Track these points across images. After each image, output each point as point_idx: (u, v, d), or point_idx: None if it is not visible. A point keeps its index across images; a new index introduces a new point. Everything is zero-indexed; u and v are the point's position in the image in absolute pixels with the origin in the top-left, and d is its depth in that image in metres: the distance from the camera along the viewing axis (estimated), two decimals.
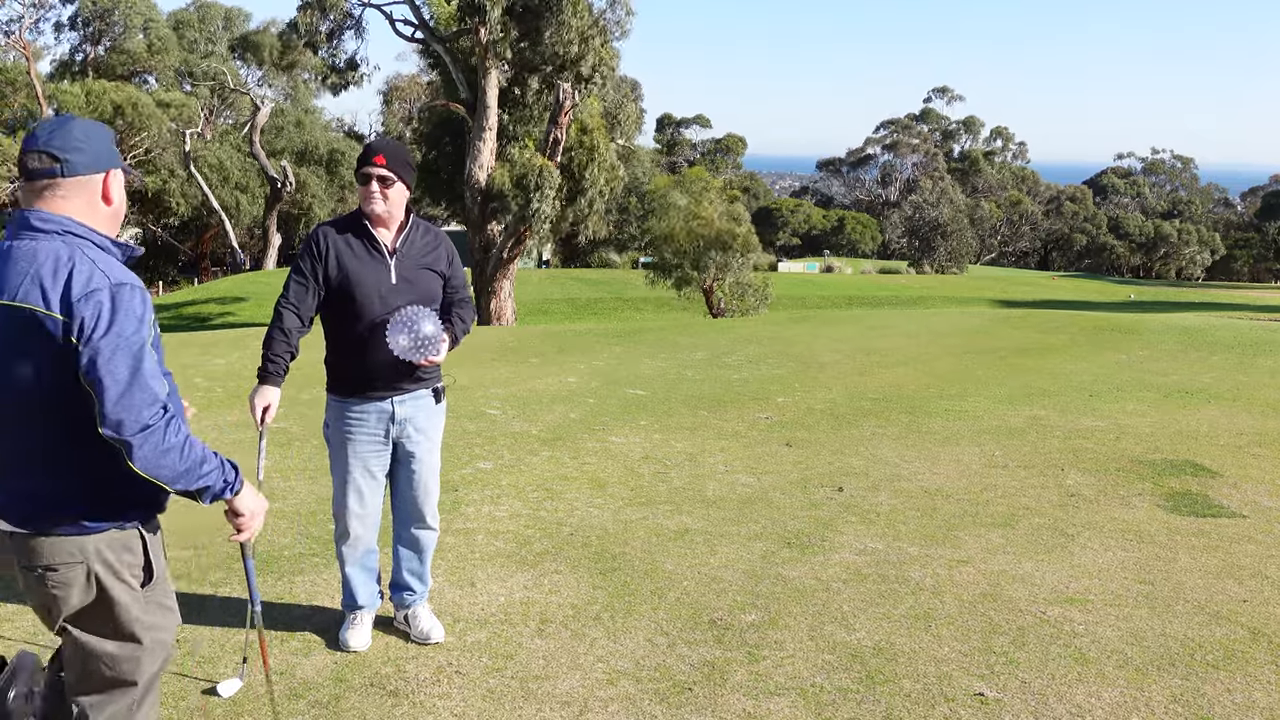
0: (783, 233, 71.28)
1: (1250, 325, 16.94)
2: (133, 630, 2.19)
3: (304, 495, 5.30)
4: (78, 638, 2.18)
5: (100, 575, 2.13)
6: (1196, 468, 6.26)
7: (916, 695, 3.24)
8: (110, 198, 2.16)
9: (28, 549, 2.11)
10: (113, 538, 2.13)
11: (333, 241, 3.32)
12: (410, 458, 3.48)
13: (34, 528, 2.09)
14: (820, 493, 5.63)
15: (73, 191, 2.09)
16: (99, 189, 2.13)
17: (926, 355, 12.00)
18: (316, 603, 3.89)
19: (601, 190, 22.59)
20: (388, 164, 3.27)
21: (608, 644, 3.59)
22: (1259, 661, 3.51)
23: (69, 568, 2.10)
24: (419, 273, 3.37)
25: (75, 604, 2.13)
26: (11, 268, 2.03)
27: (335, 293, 3.29)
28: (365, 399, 3.37)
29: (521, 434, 7.06)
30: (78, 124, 2.13)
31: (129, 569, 2.16)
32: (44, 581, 2.11)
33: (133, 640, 2.19)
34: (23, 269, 2.02)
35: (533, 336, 14.43)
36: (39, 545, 2.10)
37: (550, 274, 49.04)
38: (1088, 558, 4.56)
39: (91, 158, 2.10)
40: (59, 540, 2.09)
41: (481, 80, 23.00)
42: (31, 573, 2.12)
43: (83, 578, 2.11)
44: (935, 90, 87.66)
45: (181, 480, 2.08)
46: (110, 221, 2.17)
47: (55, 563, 2.10)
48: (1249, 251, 77.15)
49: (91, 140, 2.12)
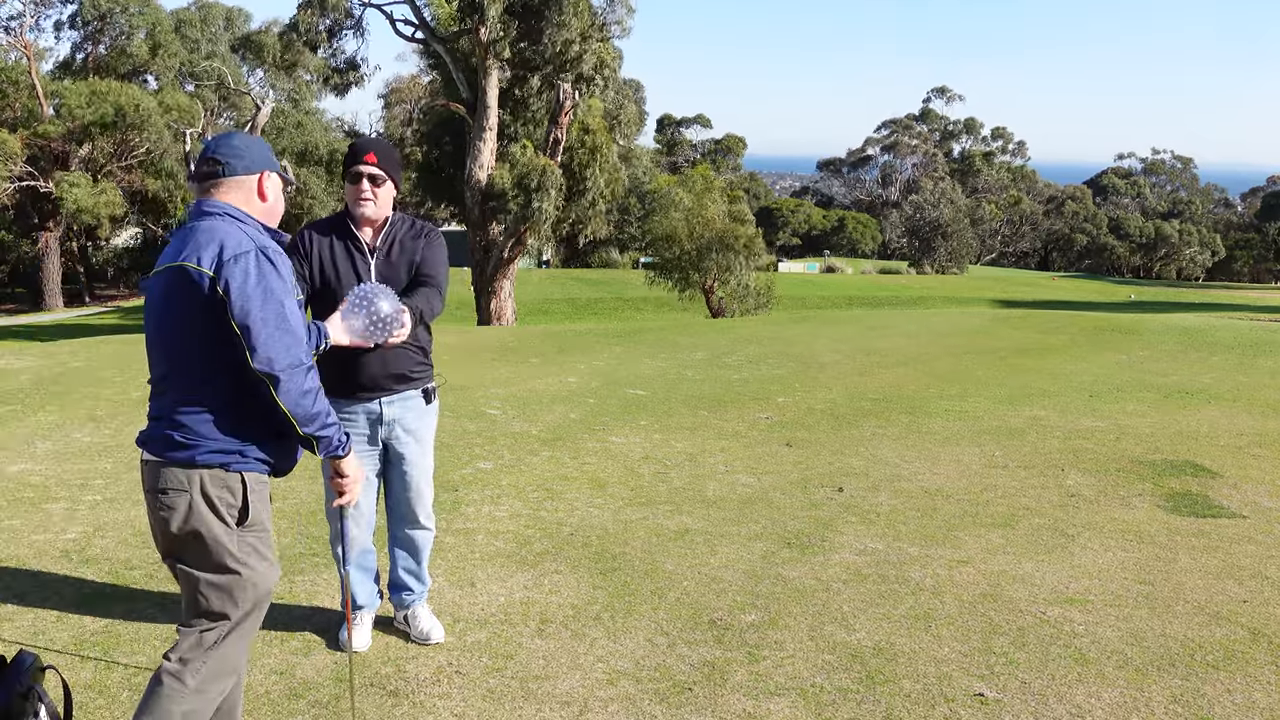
0: (783, 233, 71.30)
1: (1250, 325, 16.94)
2: (224, 563, 2.45)
3: (304, 495, 5.30)
4: (181, 569, 2.47)
5: (198, 506, 2.41)
6: (1197, 468, 6.26)
7: (916, 695, 3.24)
8: (265, 195, 2.56)
9: (152, 473, 2.46)
10: (216, 475, 2.42)
11: (316, 242, 3.32)
12: (401, 459, 3.47)
13: (157, 454, 2.43)
14: (820, 493, 5.63)
15: (232, 188, 2.51)
16: (255, 187, 2.54)
17: (926, 355, 12.00)
18: (317, 603, 3.89)
19: (603, 191, 22.58)
20: (378, 162, 3.26)
21: (608, 644, 3.59)
22: (1259, 662, 3.51)
23: (176, 494, 2.41)
24: (400, 270, 3.35)
25: (175, 528, 2.42)
26: (183, 241, 2.45)
27: (318, 292, 3.29)
28: (353, 400, 3.36)
29: (521, 434, 7.06)
30: (239, 136, 2.57)
31: (226, 506, 2.44)
32: (157, 503, 2.44)
33: (224, 573, 2.45)
34: (189, 240, 2.43)
35: (533, 336, 14.43)
36: (159, 471, 2.44)
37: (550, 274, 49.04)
38: (1088, 558, 4.56)
39: (248, 162, 2.53)
40: (173, 469, 2.42)
41: (482, 80, 23.00)
42: (150, 495, 2.46)
43: (185, 504, 2.41)
44: (934, 90, 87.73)
45: (312, 423, 2.44)
46: (266, 215, 2.56)
47: (166, 487, 2.42)
48: (1249, 252, 77.16)
49: (250, 149, 2.55)
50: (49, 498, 5.19)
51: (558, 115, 21.53)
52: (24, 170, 36.47)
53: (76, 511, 4.96)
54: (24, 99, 39.23)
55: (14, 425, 6.97)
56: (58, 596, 3.89)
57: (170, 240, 2.53)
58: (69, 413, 7.42)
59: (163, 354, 2.46)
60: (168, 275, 2.42)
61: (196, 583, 2.46)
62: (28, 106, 39.08)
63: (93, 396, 7.95)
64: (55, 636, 3.53)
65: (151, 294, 2.49)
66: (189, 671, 2.43)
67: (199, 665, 2.44)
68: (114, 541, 4.51)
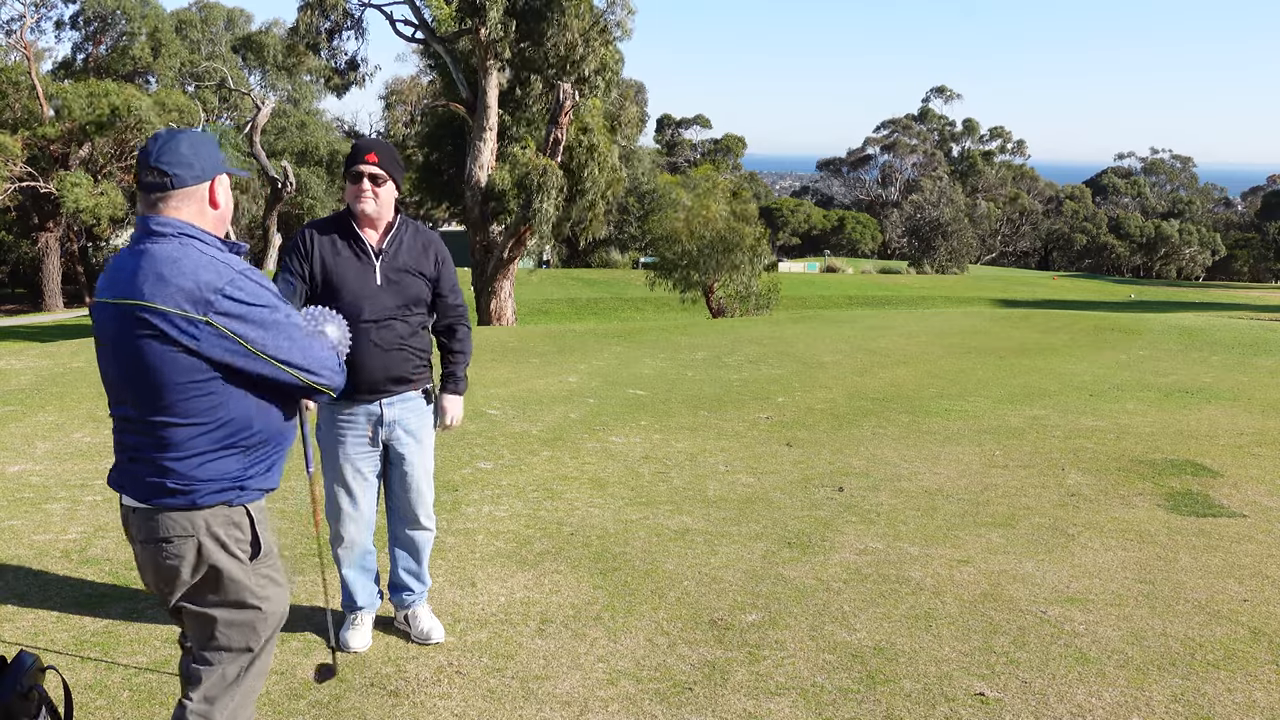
0: (783, 233, 71.28)
1: (1250, 325, 16.94)
2: (243, 599, 2.35)
3: (304, 495, 5.29)
4: (196, 610, 2.35)
5: (209, 549, 2.29)
6: (1197, 467, 6.26)
7: (917, 695, 3.24)
8: (217, 201, 2.37)
9: (146, 523, 2.29)
10: (220, 513, 2.30)
11: (318, 241, 3.31)
12: (401, 460, 3.47)
13: (153, 503, 2.27)
14: (820, 493, 5.63)
15: (183, 201, 2.30)
16: (206, 195, 2.34)
17: (926, 355, 12.00)
18: (317, 603, 3.89)
19: (604, 191, 22.57)
20: (379, 162, 3.26)
21: (608, 644, 3.59)
22: (1260, 661, 3.51)
23: (182, 540, 2.28)
24: (405, 274, 3.35)
25: (188, 576, 2.30)
26: (136, 269, 2.23)
27: (321, 293, 3.28)
28: (353, 401, 3.36)
29: (521, 434, 7.06)
30: (184, 139, 2.32)
31: (237, 543, 2.33)
32: (160, 553, 2.29)
33: (244, 608, 2.36)
34: (146, 269, 2.22)
35: (533, 336, 14.43)
36: (155, 519, 2.28)
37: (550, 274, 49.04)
38: (1088, 558, 4.56)
39: (198, 170, 2.31)
40: (173, 515, 2.27)
41: (482, 80, 22.99)
42: (149, 546, 2.30)
43: (194, 550, 2.29)
44: (933, 90, 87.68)
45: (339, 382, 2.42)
46: (217, 223, 2.38)
47: (170, 535, 2.28)
48: (1249, 251, 77.12)
49: (197, 153, 2.32)
50: (49, 498, 5.19)
51: (558, 116, 21.53)
52: (24, 171, 36.48)
53: (76, 511, 4.96)
54: (24, 100, 39.23)
55: (14, 425, 6.97)
56: (58, 597, 3.89)
57: (114, 262, 2.30)
58: (69, 413, 7.41)
59: (133, 396, 2.26)
60: (131, 316, 2.21)
61: (214, 623, 2.35)
62: (28, 107, 39.08)
63: (93, 396, 7.94)
64: (55, 636, 3.53)
65: (106, 330, 2.28)
66: (217, 710, 2.35)
67: (227, 701, 2.36)
68: (114, 542, 4.51)
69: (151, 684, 3.20)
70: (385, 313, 3.32)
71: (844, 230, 73.43)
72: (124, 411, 2.31)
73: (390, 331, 3.34)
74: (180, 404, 2.23)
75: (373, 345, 3.30)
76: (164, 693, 3.14)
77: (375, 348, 3.31)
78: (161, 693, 3.15)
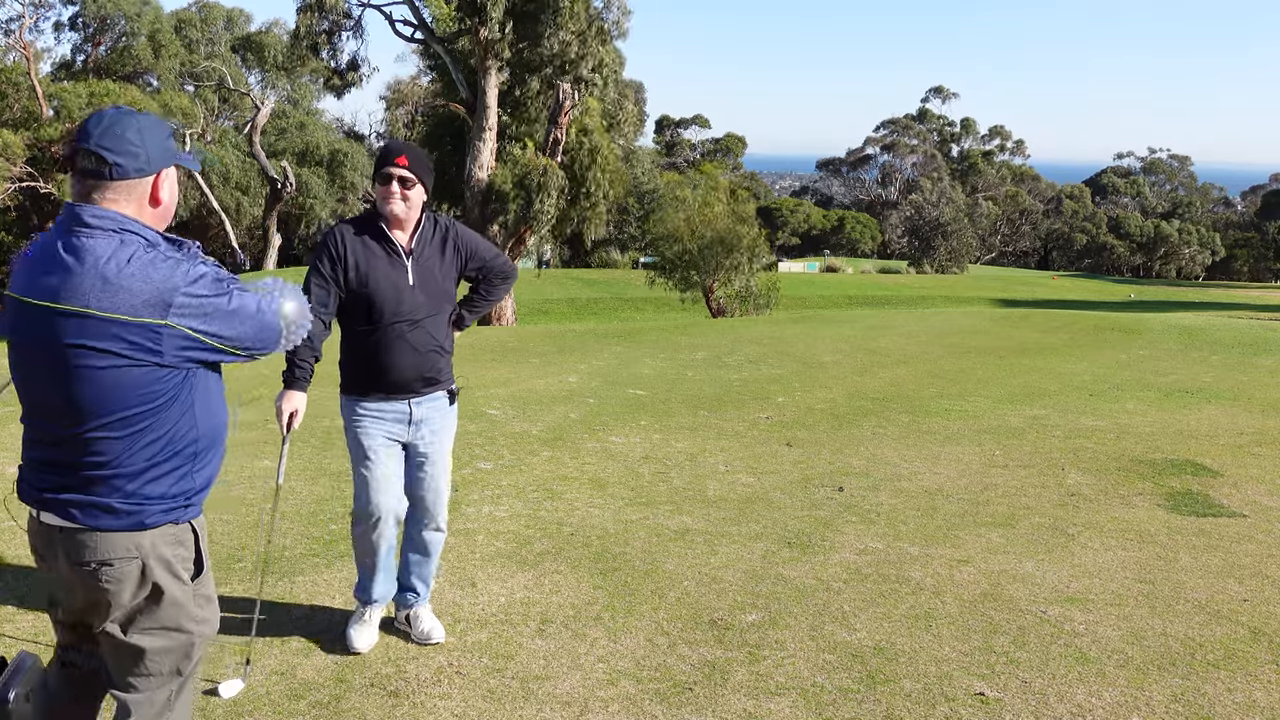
0: (783, 232, 71.26)
1: (1250, 325, 16.94)
2: (181, 624, 2.15)
3: (304, 496, 5.30)
4: (124, 638, 2.12)
5: (155, 571, 2.08)
6: (1197, 467, 6.26)
7: (917, 695, 3.24)
8: (159, 198, 2.10)
9: (79, 544, 2.05)
10: (168, 532, 2.10)
11: (350, 242, 3.30)
12: (425, 459, 3.49)
13: (89, 523, 2.03)
14: (820, 493, 5.63)
15: (121, 194, 2.03)
16: (148, 190, 2.07)
17: (926, 355, 12.00)
18: (317, 603, 3.89)
19: (605, 192, 22.58)
20: (409, 165, 3.25)
21: (608, 644, 3.59)
22: (1260, 661, 3.51)
23: (124, 563, 2.05)
24: (435, 273, 3.37)
25: (127, 600, 2.08)
26: (69, 267, 1.96)
27: (353, 295, 3.28)
28: (383, 399, 3.38)
29: (521, 434, 7.06)
30: (131, 123, 2.03)
31: (181, 563, 2.13)
32: (97, 577, 2.05)
33: (181, 632, 2.16)
34: (81, 266, 1.96)
35: (533, 336, 14.43)
36: (93, 540, 2.04)
37: (550, 274, 49.04)
38: (1088, 557, 4.56)
39: (142, 161, 2.04)
40: (115, 535, 2.04)
41: (481, 80, 23.00)
42: (82, 568, 2.06)
43: (137, 573, 2.07)
44: (932, 89, 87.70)
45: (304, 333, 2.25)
46: (157, 220, 2.12)
47: (111, 558, 2.04)
48: (1249, 251, 77.12)
49: (145, 141, 2.04)
50: None
51: (557, 116, 21.54)
52: (24, 171, 36.48)
53: None
54: (23, 100, 39.24)
55: (14, 425, 6.97)
56: None
57: (38, 255, 2.01)
58: None
59: (65, 410, 2.00)
60: (68, 324, 1.94)
61: (143, 652, 2.13)
62: (27, 108, 39.09)
63: None
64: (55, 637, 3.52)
65: (28, 334, 1.99)
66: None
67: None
68: None
69: None
70: (419, 313, 3.33)
71: (844, 230, 73.43)
72: (47, 427, 2.05)
73: (423, 332, 3.35)
74: (125, 417, 2.00)
75: (408, 346, 3.32)
76: None
77: (410, 348, 3.33)
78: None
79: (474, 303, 3.60)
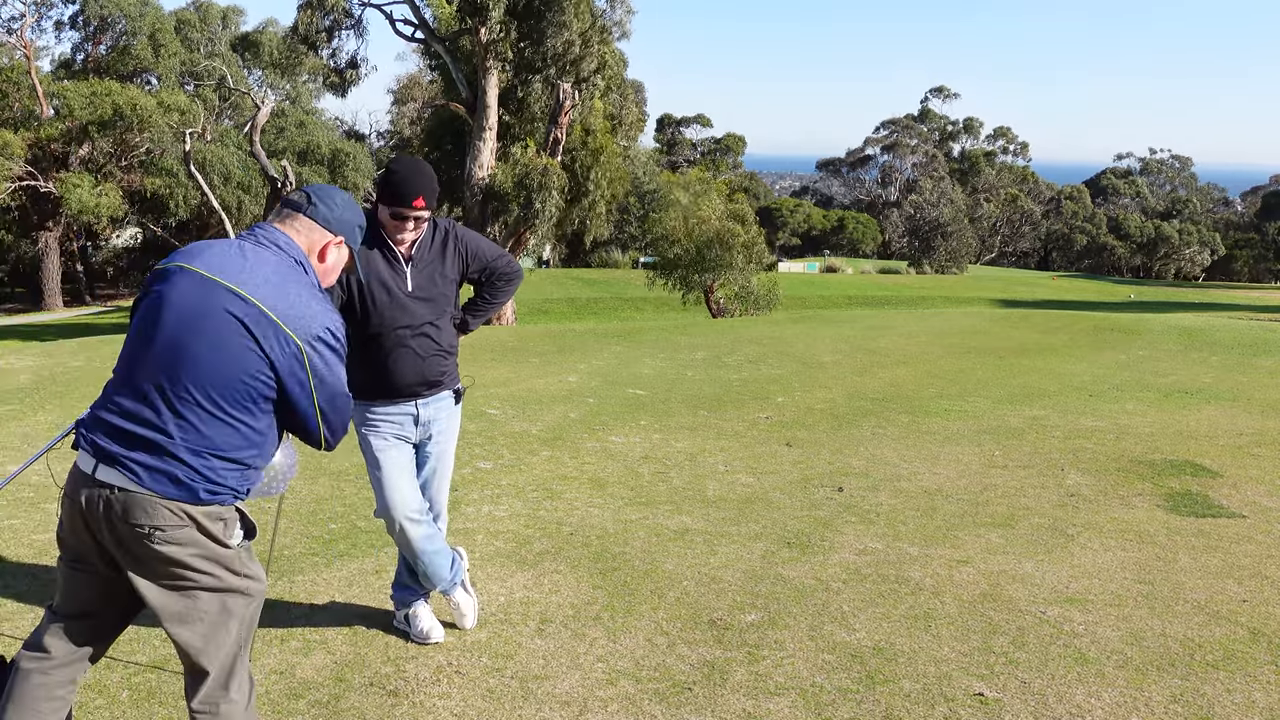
0: (783, 233, 71.28)
1: (1250, 325, 16.94)
2: (235, 586, 2.36)
3: (304, 495, 5.30)
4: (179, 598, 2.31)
5: (199, 538, 2.28)
6: (1196, 468, 6.26)
7: (916, 695, 3.24)
8: (325, 257, 2.49)
9: (133, 507, 2.23)
10: (213, 511, 2.31)
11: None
12: (429, 457, 3.53)
13: (155, 488, 2.23)
14: (820, 493, 5.63)
15: (304, 231, 2.46)
16: (321, 244, 2.47)
17: (926, 355, 12.00)
18: (316, 602, 3.89)
19: (605, 192, 22.58)
20: (426, 205, 3.21)
21: (608, 644, 3.59)
22: (1259, 661, 3.51)
23: (175, 529, 2.25)
24: (436, 277, 3.37)
25: (178, 557, 2.26)
26: (243, 266, 2.30)
27: (354, 300, 3.28)
28: (390, 402, 3.39)
29: (521, 434, 7.06)
30: (342, 195, 2.53)
31: (224, 531, 2.33)
32: (149, 538, 2.24)
33: (239, 594, 2.36)
34: (257, 269, 2.30)
35: (533, 336, 14.43)
36: (149, 506, 2.23)
37: (550, 274, 49.04)
38: (1088, 558, 4.56)
39: (334, 219, 2.48)
40: (169, 504, 2.24)
41: (482, 80, 23.00)
42: (134, 529, 2.24)
43: (186, 536, 2.27)
44: (933, 90, 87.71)
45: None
46: (320, 275, 2.49)
47: (164, 524, 2.24)
48: (1249, 251, 77.14)
49: (345, 210, 2.51)
50: (49, 498, 5.19)
51: (558, 116, 21.54)
52: (24, 170, 36.48)
53: None
54: (24, 99, 39.24)
55: (14, 425, 6.97)
56: None
57: (217, 248, 2.33)
58: (69, 413, 7.42)
59: (178, 374, 2.23)
60: (233, 303, 2.25)
61: (204, 612, 2.33)
62: (27, 107, 39.09)
63: (93, 396, 7.94)
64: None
65: (189, 299, 2.26)
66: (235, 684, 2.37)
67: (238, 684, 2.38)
68: None
69: (151, 683, 3.20)
70: (421, 319, 3.33)
71: (844, 230, 73.45)
72: (157, 383, 2.24)
73: (425, 338, 3.36)
74: (231, 396, 2.25)
75: (410, 352, 3.33)
76: (163, 692, 3.14)
77: (413, 354, 3.34)
78: (161, 692, 3.15)
79: (478, 306, 3.59)
